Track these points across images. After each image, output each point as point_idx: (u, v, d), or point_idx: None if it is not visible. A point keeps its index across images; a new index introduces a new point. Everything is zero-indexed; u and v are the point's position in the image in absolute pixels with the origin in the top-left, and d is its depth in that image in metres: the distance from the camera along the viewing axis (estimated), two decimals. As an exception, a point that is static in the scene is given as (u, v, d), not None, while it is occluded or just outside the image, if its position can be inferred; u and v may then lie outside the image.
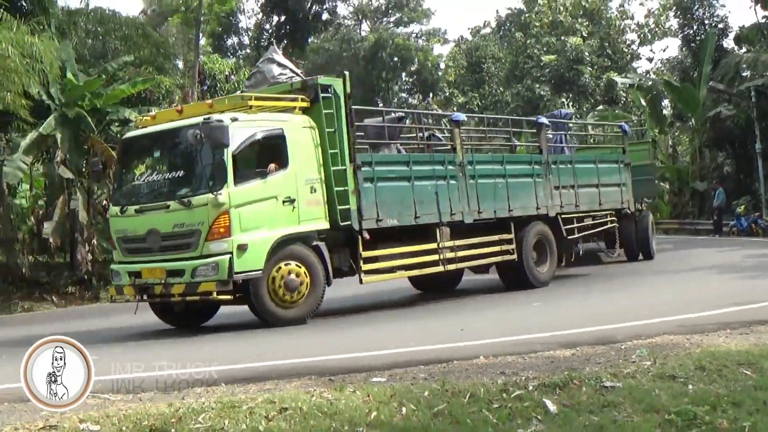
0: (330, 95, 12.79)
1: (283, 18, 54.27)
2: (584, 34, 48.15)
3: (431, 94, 54.37)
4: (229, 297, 11.62)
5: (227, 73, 36.66)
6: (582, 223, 17.50)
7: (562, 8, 50.57)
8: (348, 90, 13.00)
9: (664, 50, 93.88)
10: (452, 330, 10.43)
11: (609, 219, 18.30)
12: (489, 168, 15.42)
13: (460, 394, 6.18)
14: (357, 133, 14.20)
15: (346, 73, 13.31)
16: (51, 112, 19.92)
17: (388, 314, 13.52)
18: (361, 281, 13.08)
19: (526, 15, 51.96)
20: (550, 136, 18.08)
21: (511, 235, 15.31)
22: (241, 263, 11.38)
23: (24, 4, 19.50)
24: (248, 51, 54.55)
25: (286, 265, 11.81)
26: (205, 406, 5.97)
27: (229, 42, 54.08)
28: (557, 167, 16.70)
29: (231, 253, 11.33)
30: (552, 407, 5.83)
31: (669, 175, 36.64)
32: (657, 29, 50.95)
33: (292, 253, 11.96)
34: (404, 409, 5.90)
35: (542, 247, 16.06)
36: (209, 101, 13.06)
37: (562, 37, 47.09)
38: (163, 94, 27.06)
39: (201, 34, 35.66)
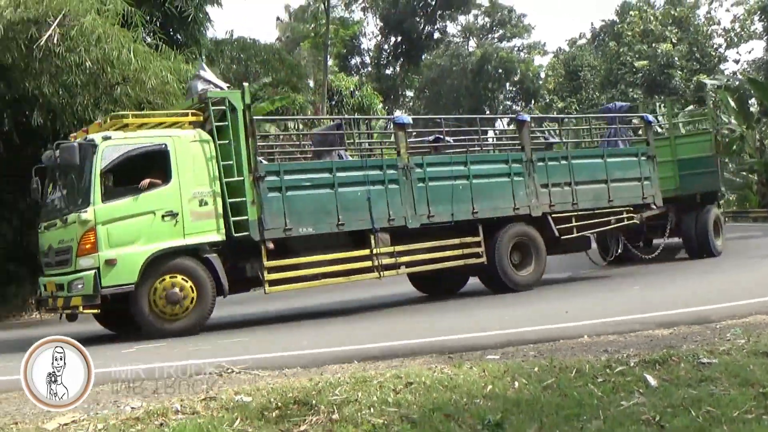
0: (224, 108, 11.49)
1: (399, 39, 54.66)
2: (674, 41, 46.78)
3: (533, 101, 53.82)
4: (96, 311, 10.71)
5: (352, 89, 37.03)
6: (586, 222, 14.50)
7: (652, 18, 49.35)
8: (247, 101, 11.54)
9: (750, 52, 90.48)
10: (557, 312, 10.28)
11: (626, 216, 15.08)
12: (446, 170, 13.17)
13: (567, 369, 6.08)
14: (305, 142, 13.12)
15: (246, 84, 11.94)
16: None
17: (494, 300, 13.34)
18: (265, 291, 11.62)
19: (619, 25, 50.89)
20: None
21: (479, 238, 13.22)
22: (110, 278, 10.41)
23: (179, 37, 20.11)
24: (370, 69, 55.09)
25: (169, 278, 10.69)
26: (340, 380, 6.05)
27: (353, 62, 54.58)
28: (545, 164, 14.13)
29: (97, 268, 10.38)
30: (653, 381, 5.68)
31: (757, 167, 35.26)
32: (742, 33, 49.06)
33: (177, 267, 10.79)
34: (516, 383, 5.84)
35: (526, 249, 13.77)
36: (98, 121, 11.83)
37: (653, 44, 45.84)
38: (298, 109, 27.58)
39: (328, 56, 36.14)
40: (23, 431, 5.31)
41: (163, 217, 10.82)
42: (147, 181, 10.90)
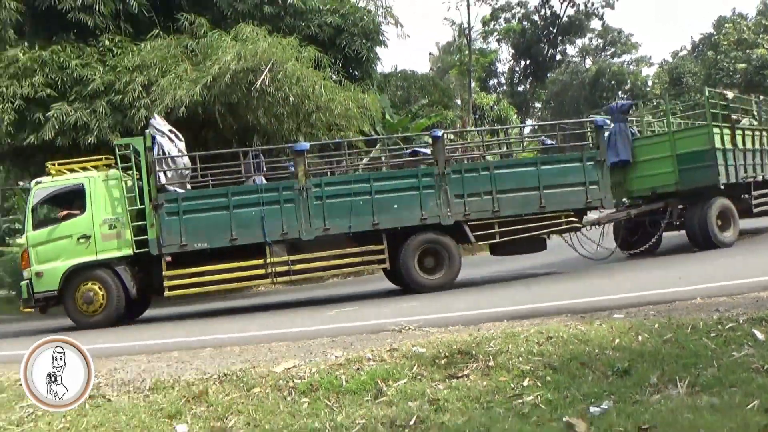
0: (129, 152, 11.69)
1: (528, 62, 53.79)
2: (766, 47, 42.95)
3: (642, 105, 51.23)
4: (31, 309, 11.67)
5: (491, 105, 36.56)
6: (514, 227, 12.31)
7: (745, 28, 45.60)
8: (148, 145, 11.46)
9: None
10: (671, 279, 9.71)
11: (566, 220, 12.53)
12: (344, 188, 11.82)
13: (683, 326, 5.74)
14: (241, 168, 12.41)
15: (147, 132, 11.72)
16: (377, 142, 20.98)
17: (611, 268, 12.74)
18: (164, 295, 11.65)
19: (716, 37, 47.34)
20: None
21: (383, 246, 11.84)
22: (39, 286, 11.29)
23: (356, 73, 20.59)
24: (504, 87, 54.48)
25: (87, 284, 11.33)
26: (494, 335, 6.00)
27: (491, 82, 54.11)
28: (461, 176, 12.11)
29: (30, 279, 11.32)
30: (760, 336, 5.28)
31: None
32: (831, 35, 44.35)
33: (92, 276, 11.36)
34: (640, 338, 5.59)
35: (438, 254, 12.09)
36: (47, 168, 12.06)
37: (747, 51, 42.37)
38: (449, 124, 27.54)
39: (472, 80, 35.90)
40: (259, 374, 5.63)
41: (78, 239, 11.42)
42: (64, 212, 11.65)
